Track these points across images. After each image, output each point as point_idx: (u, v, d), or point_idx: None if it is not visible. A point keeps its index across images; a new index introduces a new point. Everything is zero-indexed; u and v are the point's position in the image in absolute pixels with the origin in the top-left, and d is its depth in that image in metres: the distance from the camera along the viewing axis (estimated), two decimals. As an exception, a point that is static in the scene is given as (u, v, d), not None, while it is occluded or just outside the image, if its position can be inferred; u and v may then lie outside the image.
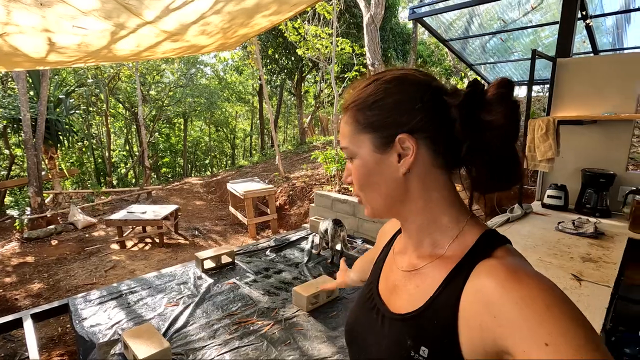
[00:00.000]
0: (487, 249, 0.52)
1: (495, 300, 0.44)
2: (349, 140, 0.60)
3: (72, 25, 2.16)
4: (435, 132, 0.54)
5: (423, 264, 0.58)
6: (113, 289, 2.71)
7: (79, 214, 5.75)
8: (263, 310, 2.41)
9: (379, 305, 0.63)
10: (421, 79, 0.56)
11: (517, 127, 0.51)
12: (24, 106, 4.92)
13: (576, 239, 1.65)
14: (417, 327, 0.54)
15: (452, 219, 0.57)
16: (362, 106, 0.57)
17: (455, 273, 0.52)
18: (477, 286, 0.48)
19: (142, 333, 1.98)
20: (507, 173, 0.53)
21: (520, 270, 0.46)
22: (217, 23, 2.83)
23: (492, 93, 0.51)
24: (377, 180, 0.58)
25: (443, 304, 0.51)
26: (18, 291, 3.46)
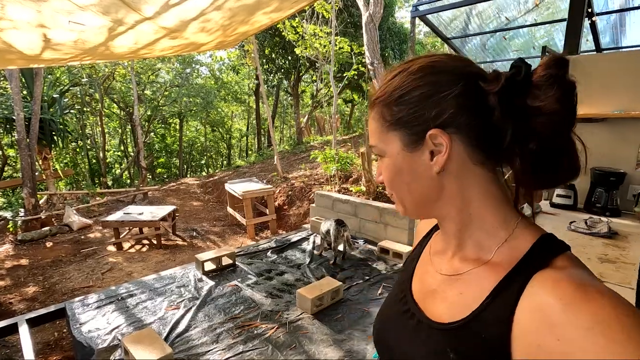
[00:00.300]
0: (545, 257, 0.45)
1: (560, 322, 0.39)
2: (377, 138, 0.56)
3: (68, 20, 2.09)
4: (471, 124, 0.49)
5: (467, 268, 0.53)
6: (111, 292, 2.64)
7: (74, 215, 5.65)
8: (266, 313, 2.36)
9: (413, 310, 0.59)
10: (452, 66, 0.51)
11: (572, 113, 0.46)
12: (18, 105, 4.82)
13: (589, 238, 1.61)
14: (461, 340, 0.49)
15: (499, 219, 0.51)
16: (388, 101, 0.53)
17: (506, 283, 0.46)
18: (536, 303, 0.42)
19: (143, 338, 1.92)
20: (560, 165, 0.47)
21: (590, 287, 0.40)
22: (218, 20, 2.77)
23: (540, 75, 0.46)
24: (408, 179, 0.54)
25: (493, 318, 0.46)
26: (12, 295, 3.37)
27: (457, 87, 0.48)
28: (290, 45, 10.49)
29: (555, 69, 0.45)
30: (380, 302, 2.50)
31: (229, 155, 22.10)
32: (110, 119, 16.52)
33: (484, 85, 0.48)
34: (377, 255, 3.32)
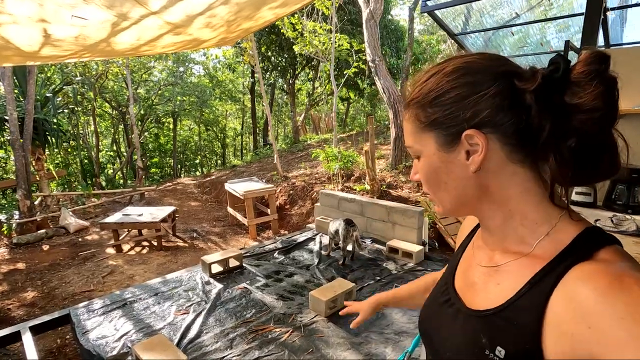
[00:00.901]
0: (588, 249, 0.45)
1: (593, 311, 0.39)
2: (413, 139, 0.57)
3: (71, 15, 2.00)
4: (507, 124, 0.48)
5: (506, 260, 0.54)
6: (116, 297, 2.56)
7: (71, 217, 5.51)
8: (279, 317, 2.30)
9: (453, 300, 0.61)
10: (487, 65, 0.50)
11: (614, 109, 0.45)
12: (11, 105, 4.67)
13: (619, 237, 1.57)
14: (494, 326, 0.50)
15: (540, 215, 0.50)
16: (423, 103, 0.53)
17: (543, 273, 0.47)
18: (570, 292, 0.42)
19: (155, 345, 1.85)
20: (600, 162, 0.47)
21: (628, 276, 0.39)
22: (223, 15, 2.70)
23: (580, 71, 0.45)
24: (445, 179, 0.55)
25: (526, 306, 0.47)
26: (11, 300, 3.26)
27: (492, 87, 0.48)
28: (287, 43, 10.40)
29: (597, 64, 0.44)
30: (394, 303, 2.46)
31: (223, 155, 21.96)
32: (103, 118, 16.28)
33: (519, 84, 0.47)
34: (386, 255, 3.28)
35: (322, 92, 14.00)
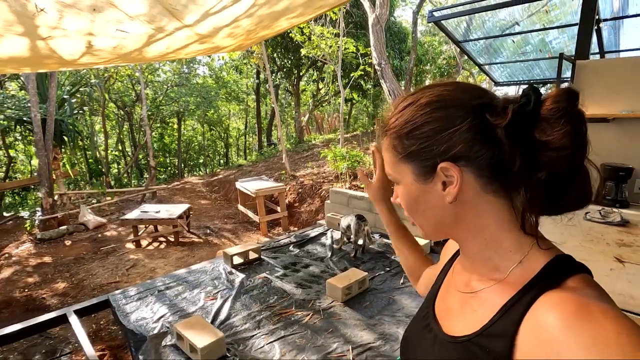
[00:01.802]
0: (556, 278, 0.46)
1: (559, 339, 0.39)
2: (391, 168, 0.59)
3: (115, 29, 2.22)
4: (481, 157, 0.49)
5: (482, 287, 0.55)
6: (149, 285, 2.78)
7: (89, 214, 5.75)
8: (300, 302, 2.52)
9: (432, 325, 0.62)
10: (459, 99, 0.51)
11: (582, 145, 0.45)
12: (35, 107, 4.91)
13: (605, 227, 1.80)
14: (468, 353, 0.51)
15: (514, 243, 0.52)
16: (399, 134, 0.55)
17: (514, 301, 0.48)
18: (538, 319, 0.43)
19: (194, 324, 2.08)
20: (568, 195, 0.47)
21: (593, 306, 0.40)
22: (246, 26, 2.91)
23: (549, 107, 0.45)
24: (423, 207, 0.57)
25: (498, 333, 0.47)
26: (44, 290, 3.49)
27: (465, 123, 0.49)
28: (293, 45, 10.63)
29: (565, 102, 0.45)
30: (404, 291, 2.68)
31: (226, 155, 22.17)
32: (108, 118, 16.55)
33: (491, 120, 0.48)
34: (393, 249, 3.49)
35: (327, 93, 14.22)
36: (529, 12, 4.34)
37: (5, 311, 3.13)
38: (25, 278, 3.77)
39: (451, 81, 0.56)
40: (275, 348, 2.04)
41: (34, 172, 12.61)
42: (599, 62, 2.37)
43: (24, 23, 1.90)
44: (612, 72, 2.24)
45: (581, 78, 2.28)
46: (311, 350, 2.02)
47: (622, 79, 2.21)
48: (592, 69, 2.27)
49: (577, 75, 2.30)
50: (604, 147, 2.26)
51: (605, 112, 2.22)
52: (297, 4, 2.69)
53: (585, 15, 2.30)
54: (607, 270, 1.29)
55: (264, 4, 2.51)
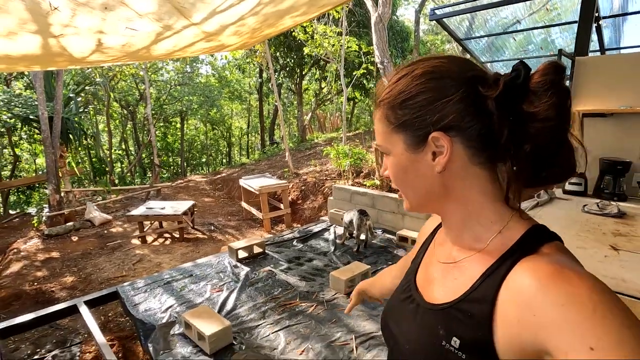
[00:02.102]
0: (533, 245, 0.49)
1: (535, 299, 0.42)
2: (382, 139, 0.60)
3: (125, 27, 2.29)
4: (471, 128, 0.51)
5: (463, 256, 0.57)
6: (156, 278, 2.85)
7: (95, 211, 5.84)
8: (304, 294, 2.58)
9: (414, 295, 0.63)
10: (453, 70, 0.53)
11: (566, 118, 0.47)
12: (42, 105, 4.99)
13: (602, 218, 1.84)
14: (450, 318, 0.53)
15: (496, 214, 0.54)
16: (393, 104, 0.56)
17: (495, 267, 0.50)
18: (516, 282, 0.46)
19: (201, 314, 2.14)
20: (553, 167, 0.49)
21: (567, 269, 0.43)
22: (251, 24, 2.96)
23: (537, 80, 0.48)
24: (412, 178, 0.58)
25: (479, 298, 0.50)
26: (52, 284, 3.57)
27: (458, 93, 0.50)
28: (295, 44, 10.69)
29: (552, 75, 0.47)
30: (406, 284, 2.74)
31: (229, 153, 22.27)
32: (112, 118, 16.67)
33: (483, 91, 0.50)
34: (396, 243, 3.55)
35: (329, 92, 14.27)
36: (531, 11, 4.38)
37: (16, 303, 3.21)
38: (34, 272, 3.85)
39: (445, 55, 0.57)
40: (280, 337, 2.09)
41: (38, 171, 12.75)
42: (598, 59, 2.41)
43: (38, 21, 1.96)
44: (611, 69, 2.29)
45: (580, 74, 2.32)
46: (315, 339, 2.08)
47: (620, 75, 2.26)
48: (591, 65, 2.31)
49: (577, 71, 2.34)
50: (602, 142, 2.31)
51: (603, 107, 2.26)
52: (302, 2, 2.74)
53: (584, 13, 2.34)
54: (601, 257, 1.34)
55: (269, 3, 2.56)
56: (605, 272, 1.21)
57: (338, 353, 1.98)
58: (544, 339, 0.40)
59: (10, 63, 2.65)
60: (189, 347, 2.02)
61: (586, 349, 0.36)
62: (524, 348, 0.43)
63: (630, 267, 1.24)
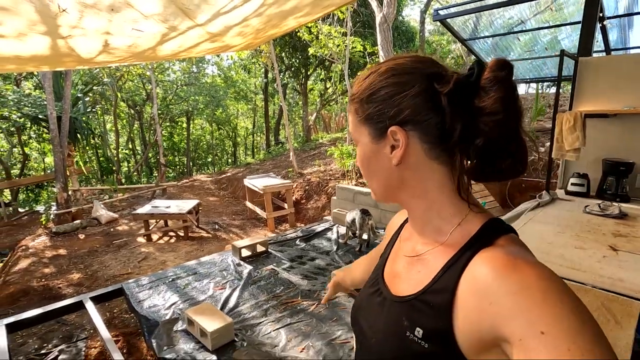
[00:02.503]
0: (489, 237, 0.52)
1: (491, 288, 0.44)
2: (353, 130, 0.63)
3: (131, 28, 2.33)
4: (427, 122, 0.53)
5: (425, 250, 0.59)
6: (160, 275, 2.89)
7: (102, 210, 5.92)
8: (305, 292, 2.60)
9: (382, 289, 0.65)
10: (414, 67, 0.55)
11: (514, 112, 0.49)
12: (51, 104, 5.08)
13: (603, 219, 1.84)
14: (413, 309, 0.55)
15: (454, 207, 0.57)
16: (361, 99, 0.59)
17: (455, 259, 0.52)
18: (474, 273, 0.48)
19: (204, 310, 2.17)
20: (503, 162, 0.51)
21: (519, 259, 0.46)
22: (255, 25, 2.99)
23: (486, 77, 0.50)
24: (375, 168, 0.61)
25: (440, 289, 0.52)
26: (59, 280, 3.63)
27: (414, 88, 0.53)
28: (300, 45, 10.73)
29: (498, 71, 0.49)
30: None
31: (234, 153, 22.39)
32: (120, 117, 16.85)
33: (437, 87, 0.52)
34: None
35: (334, 92, 14.29)
36: (536, 11, 4.36)
37: (24, 299, 3.27)
38: (41, 269, 3.92)
39: (412, 54, 0.59)
40: (282, 334, 2.12)
41: (47, 170, 12.93)
42: (601, 59, 2.40)
43: (47, 23, 2.01)
44: (614, 69, 2.28)
45: (583, 75, 2.32)
46: (316, 336, 2.09)
47: (624, 76, 2.24)
48: (595, 65, 2.30)
49: (580, 72, 2.33)
50: (604, 143, 2.30)
51: (607, 108, 2.25)
52: (305, 3, 2.76)
53: (588, 13, 2.33)
54: (600, 257, 1.35)
55: (273, 4, 2.59)
56: (603, 272, 1.22)
57: (338, 351, 1.99)
58: (500, 326, 0.42)
59: (20, 63, 2.70)
60: (192, 344, 2.05)
61: (537, 333, 0.38)
62: (482, 335, 0.45)
63: (628, 267, 1.24)
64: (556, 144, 2.19)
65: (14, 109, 6.55)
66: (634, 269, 1.22)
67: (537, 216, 1.92)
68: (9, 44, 2.16)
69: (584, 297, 1.11)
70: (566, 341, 0.37)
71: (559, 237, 1.55)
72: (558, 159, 2.26)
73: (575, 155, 2.13)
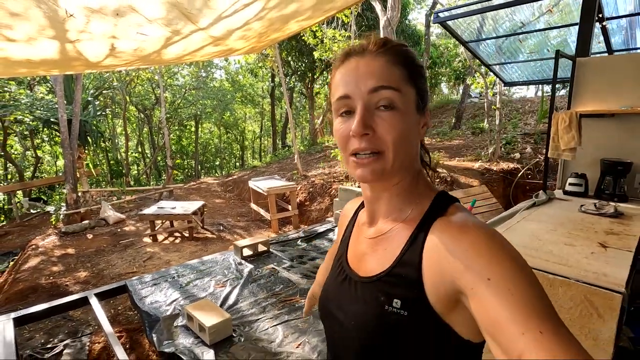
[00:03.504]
0: (440, 208, 0.58)
1: (449, 249, 0.50)
2: (398, 84, 0.55)
3: (136, 32, 2.41)
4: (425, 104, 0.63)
5: (389, 228, 0.62)
6: (163, 273, 2.95)
7: (110, 210, 6.04)
8: (304, 291, 2.63)
9: (349, 274, 0.67)
10: None
11: None
12: (62, 108, 5.22)
13: (598, 218, 1.84)
14: (388, 284, 0.57)
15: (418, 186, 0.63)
16: (411, 61, 0.58)
17: (417, 232, 0.57)
18: (435, 240, 0.53)
19: (203, 306, 2.22)
20: None
21: (469, 222, 0.52)
22: (257, 28, 3.05)
23: None
24: (412, 139, 0.59)
25: (409, 260, 0.56)
26: (67, 278, 3.72)
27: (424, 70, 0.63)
28: (307, 49, 10.83)
29: None
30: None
31: (242, 157, 22.56)
32: (129, 121, 17.14)
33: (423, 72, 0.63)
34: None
35: (340, 96, 14.32)
36: (540, 13, 4.35)
37: (32, 296, 3.36)
38: (50, 267, 4.02)
39: None
40: (279, 330, 2.15)
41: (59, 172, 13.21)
42: (599, 59, 2.39)
43: (55, 27, 2.09)
44: (612, 69, 2.28)
45: (581, 75, 2.32)
46: (312, 333, 2.12)
47: (622, 76, 2.24)
48: (592, 66, 2.31)
49: (578, 72, 2.34)
50: (602, 143, 2.30)
51: (604, 108, 2.25)
52: (306, 7, 2.82)
53: (585, 14, 2.34)
54: (587, 254, 1.36)
55: (274, 8, 2.64)
56: (589, 267, 1.23)
57: (333, 347, 2.02)
58: (457, 280, 0.48)
59: (31, 67, 2.80)
60: (191, 338, 2.10)
61: (485, 280, 0.45)
62: (447, 293, 0.51)
63: (614, 263, 1.25)
64: (552, 143, 2.20)
65: (27, 112, 6.75)
66: (619, 265, 1.23)
67: (532, 215, 1.92)
68: (20, 48, 2.25)
69: (567, 290, 1.12)
70: (507, 283, 0.43)
71: (550, 234, 1.57)
72: (554, 158, 2.26)
73: (571, 155, 2.13)
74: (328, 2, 2.75)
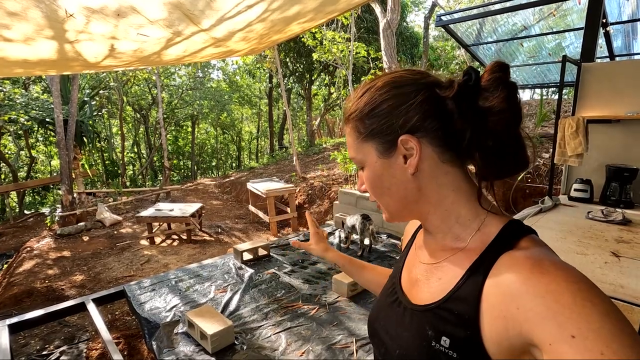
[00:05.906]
0: (510, 240, 0.51)
1: (519, 293, 0.43)
2: (355, 151, 0.61)
3: (136, 33, 2.36)
4: (436, 127, 0.55)
5: (445, 256, 0.58)
6: (162, 278, 2.90)
7: (106, 212, 5.96)
8: (306, 297, 2.59)
9: (401, 298, 0.64)
10: (411, 78, 0.57)
11: (518, 109, 0.51)
12: (58, 108, 5.15)
13: (606, 225, 1.83)
14: (437, 318, 0.53)
15: (471, 211, 0.56)
16: (360, 116, 0.59)
17: (477, 265, 0.51)
18: (500, 278, 0.47)
19: (204, 313, 2.17)
20: (514, 157, 0.52)
21: (546, 261, 0.45)
22: (259, 30, 3.02)
23: (487, 79, 0.52)
24: (388, 184, 0.59)
25: (464, 295, 0.51)
26: (63, 282, 3.66)
27: (419, 96, 0.54)
28: (305, 50, 10.81)
29: (499, 72, 0.51)
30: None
31: (238, 157, 22.48)
32: (126, 121, 17.01)
33: (440, 92, 0.54)
34: (400, 248, 3.54)
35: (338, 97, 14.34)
36: (540, 17, 4.36)
37: (27, 300, 3.30)
38: (45, 270, 3.95)
39: (406, 67, 0.63)
40: (282, 338, 2.11)
41: (53, 173, 13.07)
42: (605, 65, 2.39)
43: (54, 27, 2.04)
44: (618, 75, 2.27)
45: (586, 80, 2.31)
46: (316, 341, 2.08)
47: (627, 82, 2.24)
48: (597, 71, 2.30)
49: (583, 77, 2.33)
50: (607, 149, 2.29)
51: (610, 113, 2.24)
52: (308, 9, 2.79)
53: (590, 19, 2.34)
54: (601, 263, 1.33)
55: (276, 10, 2.61)
56: (604, 278, 1.21)
57: (338, 355, 1.98)
58: (528, 331, 0.41)
59: (28, 67, 2.75)
60: (192, 346, 2.05)
61: (568, 337, 0.37)
62: (512, 342, 0.44)
63: (629, 273, 1.23)
64: (559, 149, 2.19)
65: (21, 112, 6.66)
66: (635, 275, 1.21)
67: (539, 222, 1.91)
68: (17, 48, 2.20)
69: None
70: (599, 344, 0.36)
71: (561, 242, 1.54)
72: (561, 164, 2.25)
73: (577, 161, 2.12)
74: (330, 4, 2.72)
